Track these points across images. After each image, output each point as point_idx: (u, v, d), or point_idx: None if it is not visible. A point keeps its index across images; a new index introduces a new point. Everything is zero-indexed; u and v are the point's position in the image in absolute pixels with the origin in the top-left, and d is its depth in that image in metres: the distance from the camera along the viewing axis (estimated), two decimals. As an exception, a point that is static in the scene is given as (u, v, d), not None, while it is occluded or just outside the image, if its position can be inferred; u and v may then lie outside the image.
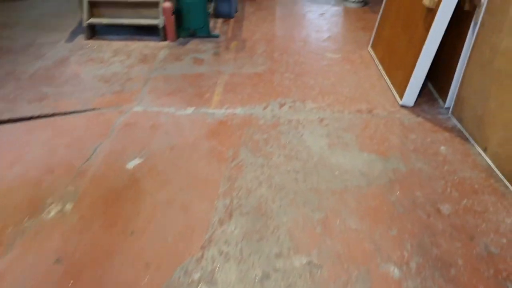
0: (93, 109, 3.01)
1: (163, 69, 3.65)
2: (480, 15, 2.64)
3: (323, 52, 4.12)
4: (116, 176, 2.33)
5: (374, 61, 3.89)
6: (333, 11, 5.34)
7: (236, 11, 5.14)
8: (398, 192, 2.23)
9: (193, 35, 4.31)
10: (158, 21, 4.14)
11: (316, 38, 4.46)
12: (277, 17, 5.07)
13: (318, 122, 2.92)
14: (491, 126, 2.47)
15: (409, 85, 3.01)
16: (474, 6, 2.73)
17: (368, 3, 5.64)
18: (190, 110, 3.05)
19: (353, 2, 5.44)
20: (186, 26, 4.26)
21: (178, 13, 4.15)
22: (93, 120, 2.87)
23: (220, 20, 4.88)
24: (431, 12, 2.84)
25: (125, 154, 2.51)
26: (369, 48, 4.15)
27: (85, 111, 2.98)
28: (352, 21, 4.99)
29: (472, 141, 2.66)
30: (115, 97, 3.17)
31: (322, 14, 5.19)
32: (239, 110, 3.05)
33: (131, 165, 2.42)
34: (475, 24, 2.71)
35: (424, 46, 2.85)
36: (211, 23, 4.76)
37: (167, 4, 3.99)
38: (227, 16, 4.90)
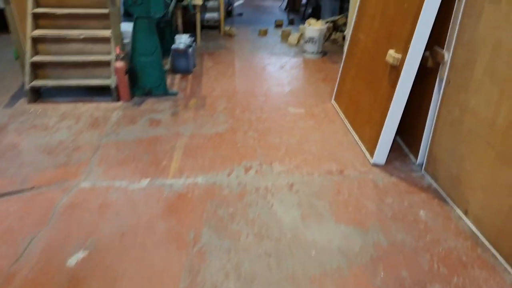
0: (32, 188, 2.62)
1: (116, 134, 3.34)
2: (445, 72, 2.59)
3: (285, 106, 3.98)
4: (53, 278, 1.93)
5: (338, 114, 3.79)
6: (293, 62, 5.32)
7: (194, 66, 4.99)
8: (382, 273, 1.99)
9: (149, 94, 4.06)
10: (110, 81, 3.87)
11: (278, 92, 4.35)
12: (237, 70, 4.96)
13: (287, 188, 2.69)
14: (469, 188, 2.33)
15: (379, 143, 2.88)
16: (438, 63, 2.69)
17: (326, 53, 5.69)
18: (145, 182, 2.73)
19: (312, 53, 5.46)
20: (141, 84, 4.02)
21: (132, 71, 3.92)
22: (30, 203, 2.47)
23: (178, 76, 4.68)
24: (395, 69, 2.78)
25: (66, 246, 2.13)
26: (333, 101, 4.06)
27: (21, 191, 2.58)
28: (312, 72, 4.97)
29: (451, 203, 2.52)
30: (59, 171, 2.80)
31: (282, 67, 5.14)
32: (200, 179, 2.77)
33: (73, 261, 2.03)
34: (441, 80, 2.66)
35: (392, 104, 2.75)
36: (168, 79, 4.55)
37: (120, 64, 3.75)
38: (185, 72, 4.72)
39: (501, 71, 2.07)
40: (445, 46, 2.58)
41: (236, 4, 9.09)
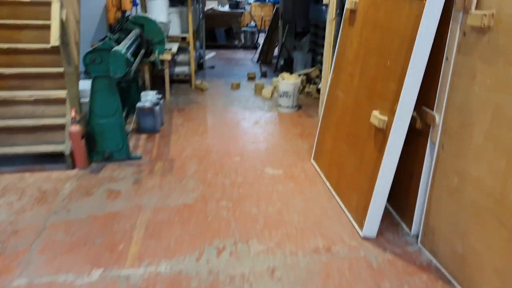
0: None
1: (66, 210, 2.87)
2: (437, 136, 2.33)
3: (262, 167, 3.64)
4: None
5: (319, 175, 3.47)
6: (267, 117, 5.07)
7: (162, 124, 4.64)
8: None
9: (109, 159, 3.64)
10: (64, 147, 3.44)
11: (253, 150, 4.02)
12: (209, 127, 4.64)
13: (268, 275, 2.27)
14: (479, 271, 2.00)
15: (368, 214, 2.55)
16: (427, 124, 2.44)
17: (301, 107, 5.50)
18: (96, 274, 2.25)
19: (287, 107, 5.25)
20: (100, 149, 3.60)
21: (89, 135, 3.51)
22: None
23: (143, 136, 4.30)
24: (381, 133, 2.51)
25: None
26: (312, 160, 3.76)
27: None
28: (289, 127, 4.71)
29: (458, 287, 2.16)
30: (-12, 265, 2.29)
31: (256, 122, 4.87)
32: (164, 267, 2.32)
33: None
34: (432, 144, 2.40)
35: (380, 171, 2.46)
36: (133, 140, 4.16)
37: (75, 128, 3.35)
38: (152, 131, 4.36)
39: (506, 139, 1.81)
40: (435, 107, 2.35)
41: (207, 56, 9.00)
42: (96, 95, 3.46)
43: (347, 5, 3.16)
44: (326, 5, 4.62)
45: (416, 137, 2.55)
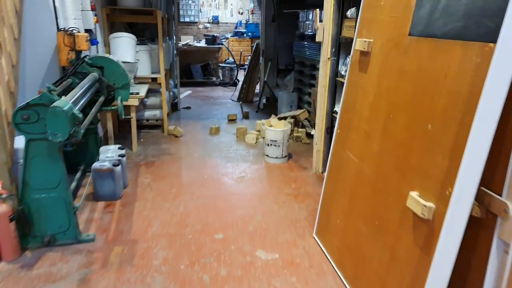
0: None
1: None
2: (507, 231, 1.62)
3: (252, 249, 2.83)
4: None
5: (327, 259, 2.69)
6: (253, 171, 4.31)
7: (125, 186, 3.79)
8: None
9: (50, 244, 2.75)
10: (-15, 234, 2.54)
11: (239, 221, 3.22)
12: (183, 188, 3.82)
13: None
14: None
15: None
16: (491, 213, 1.73)
17: (291, 155, 4.78)
18: None
19: (275, 158, 4.52)
20: (38, 232, 2.73)
21: (22, 215, 2.64)
22: None
23: (100, 205, 3.43)
24: (424, 224, 1.78)
25: None
26: (315, 236, 2.99)
27: None
28: (280, 185, 3.95)
29: None
30: None
31: (240, 179, 4.09)
32: None
33: None
34: (503, 243, 1.68)
35: (429, 278, 1.71)
36: (86, 212, 3.29)
37: (2, 208, 2.48)
38: (111, 198, 3.50)
39: None
40: (505, 191, 1.65)
41: (183, 95, 8.28)
42: (32, 163, 2.62)
43: (356, 46, 2.51)
44: (319, 44, 4.01)
45: (473, 229, 1.82)
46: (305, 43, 5.96)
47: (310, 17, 5.91)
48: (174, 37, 7.18)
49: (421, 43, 1.90)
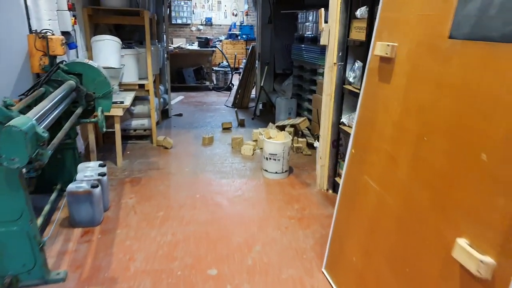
0: None
1: None
2: None
3: None
4: None
5: (341, 303, 2.28)
6: (251, 189, 3.88)
7: (106, 209, 3.34)
8: None
9: (11, 286, 2.31)
10: None
11: (236, 252, 2.79)
12: (172, 211, 3.38)
13: None
14: None
15: None
16: None
17: (292, 170, 4.37)
18: None
19: (275, 173, 4.10)
20: (-5, 274, 2.28)
21: (-25, 255, 2.20)
22: None
23: (76, 232, 2.99)
24: (479, 283, 1.37)
25: None
26: (324, 270, 2.57)
27: None
28: (282, 205, 3.53)
29: None
30: None
31: (237, 198, 3.67)
32: None
33: None
34: None
35: None
36: (59, 242, 2.84)
37: None
38: (88, 224, 3.06)
39: None
40: None
41: (174, 101, 7.84)
42: (-14, 193, 2.17)
43: (376, 50, 2.09)
44: (320, 47, 3.60)
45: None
46: (305, 46, 5.56)
47: (310, 18, 5.51)
48: (164, 40, 6.75)
49: (469, 48, 1.49)
